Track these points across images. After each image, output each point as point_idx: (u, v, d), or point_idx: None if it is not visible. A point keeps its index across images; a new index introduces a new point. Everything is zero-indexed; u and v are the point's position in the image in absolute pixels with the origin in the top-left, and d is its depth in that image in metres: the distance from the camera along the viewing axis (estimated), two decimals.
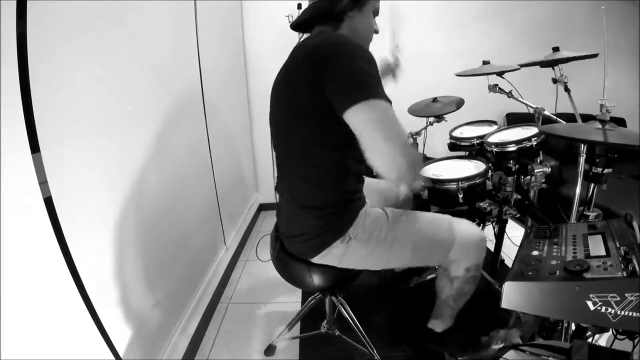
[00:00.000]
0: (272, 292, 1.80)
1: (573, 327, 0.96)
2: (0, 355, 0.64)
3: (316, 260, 1.00)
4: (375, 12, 1.00)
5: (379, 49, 1.07)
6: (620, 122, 2.56)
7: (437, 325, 1.16)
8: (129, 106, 1.07)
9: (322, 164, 0.91)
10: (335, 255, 0.98)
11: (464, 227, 1.04)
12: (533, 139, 1.30)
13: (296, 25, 1.02)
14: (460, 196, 1.29)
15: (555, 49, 1.33)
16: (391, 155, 0.74)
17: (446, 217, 1.06)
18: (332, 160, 0.91)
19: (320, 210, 0.94)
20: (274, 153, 1.02)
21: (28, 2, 0.69)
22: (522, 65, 1.41)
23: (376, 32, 1.02)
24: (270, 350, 1.39)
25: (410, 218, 1.04)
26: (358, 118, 0.76)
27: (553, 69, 1.31)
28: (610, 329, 0.81)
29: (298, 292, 1.76)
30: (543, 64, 1.31)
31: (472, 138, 1.58)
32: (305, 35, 1.02)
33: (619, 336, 0.77)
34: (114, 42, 1.01)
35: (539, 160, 1.34)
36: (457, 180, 1.30)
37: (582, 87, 1.57)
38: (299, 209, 0.96)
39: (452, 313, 1.13)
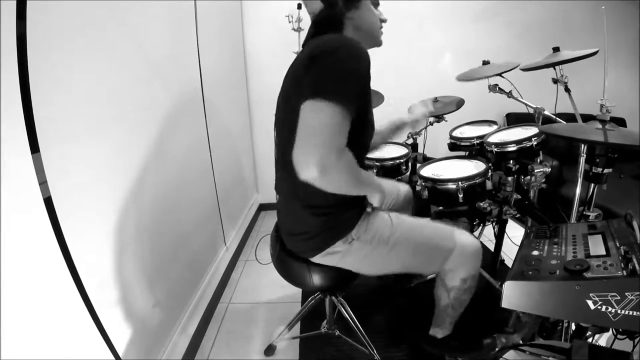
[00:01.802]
0: (272, 292, 1.80)
1: (573, 327, 0.96)
2: (0, 355, 0.64)
3: (316, 259, 1.00)
4: (375, 3, 0.99)
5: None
6: (620, 122, 2.56)
7: (438, 332, 1.17)
8: (128, 106, 1.07)
9: None
10: (335, 256, 0.98)
11: (464, 237, 1.05)
12: (533, 139, 1.30)
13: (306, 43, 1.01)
14: (460, 196, 1.29)
15: (556, 49, 1.33)
16: (307, 161, 0.72)
17: (448, 226, 1.07)
18: None
19: (322, 209, 0.94)
20: (275, 150, 1.02)
21: (28, 2, 0.69)
22: (524, 69, 1.40)
23: (383, 21, 1.00)
24: (270, 350, 1.39)
25: (413, 223, 1.05)
26: (304, 113, 0.75)
27: (554, 68, 1.31)
28: (610, 329, 0.81)
29: (298, 292, 1.76)
30: (545, 66, 1.30)
31: (472, 138, 1.58)
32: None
33: (619, 336, 0.77)
34: (114, 42, 1.01)
35: (539, 160, 1.34)
36: (457, 180, 1.30)
37: (582, 87, 1.57)
38: (302, 208, 0.96)
39: (451, 320, 1.14)
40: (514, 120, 2.57)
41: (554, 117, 1.38)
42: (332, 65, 0.78)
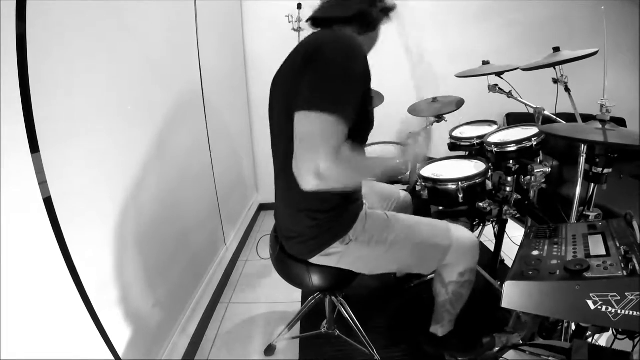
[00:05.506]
0: (272, 292, 1.80)
1: (573, 327, 0.95)
2: (0, 355, 0.64)
3: (314, 261, 1.00)
4: None
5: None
6: (620, 122, 2.56)
7: (439, 330, 1.17)
8: (128, 106, 1.07)
9: None
10: (333, 257, 0.98)
11: (460, 232, 1.06)
12: (533, 139, 1.30)
13: (318, 20, 0.95)
14: (460, 196, 1.29)
15: (556, 49, 1.33)
16: (303, 172, 0.71)
17: (444, 223, 1.08)
18: None
19: (319, 212, 0.94)
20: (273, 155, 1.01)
21: (28, 2, 0.69)
22: (525, 69, 1.40)
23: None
24: (270, 350, 1.39)
25: (410, 221, 1.05)
26: (297, 124, 0.74)
27: (554, 68, 1.31)
28: (610, 329, 0.81)
29: (298, 292, 1.76)
30: (546, 66, 1.30)
31: (472, 138, 1.58)
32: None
33: (619, 336, 0.77)
34: (114, 42, 1.01)
35: (539, 160, 1.34)
36: (457, 180, 1.29)
37: (582, 87, 1.57)
38: (298, 211, 0.95)
39: (451, 317, 1.14)
40: (514, 120, 2.56)
41: (554, 117, 1.38)
42: (326, 71, 0.75)
